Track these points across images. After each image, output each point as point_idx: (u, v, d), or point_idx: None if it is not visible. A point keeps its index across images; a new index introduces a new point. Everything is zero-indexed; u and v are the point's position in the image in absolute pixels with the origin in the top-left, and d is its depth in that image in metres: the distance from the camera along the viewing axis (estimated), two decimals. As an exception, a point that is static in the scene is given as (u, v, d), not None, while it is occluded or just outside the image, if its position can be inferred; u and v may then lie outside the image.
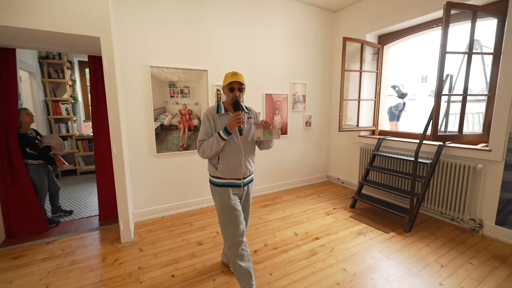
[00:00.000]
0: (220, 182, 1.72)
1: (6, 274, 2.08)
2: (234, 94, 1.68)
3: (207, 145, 1.64)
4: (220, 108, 1.73)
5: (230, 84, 1.67)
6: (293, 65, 3.90)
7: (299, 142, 4.16)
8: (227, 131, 1.60)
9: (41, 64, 4.70)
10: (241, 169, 1.71)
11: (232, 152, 1.69)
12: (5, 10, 1.89)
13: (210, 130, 1.69)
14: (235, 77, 1.65)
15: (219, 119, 1.70)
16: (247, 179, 1.80)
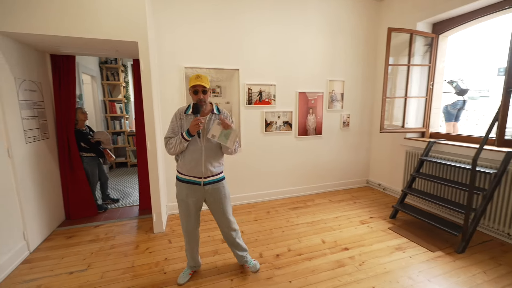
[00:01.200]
0: (180, 177, 1.81)
1: (60, 250, 2.41)
2: (198, 97, 1.70)
3: (171, 143, 1.73)
4: (189, 108, 1.78)
5: (194, 87, 1.69)
6: (330, 61, 3.66)
7: (335, 143, 3.91)
8: (189, 132, 1.67)
9: (101, 68, 5.35)
10: (199, 168, 1.75)
11: (192, 151, 1.74)
12: (64, 22, 2.17)
13: (177, 128, 1.77)
14: (198, 80, 1.68)
15: (186, 118, 1.76)
16: (209, 179, 1.81)
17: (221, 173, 1.89)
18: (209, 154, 1.77)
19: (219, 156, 1.84)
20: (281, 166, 3.64)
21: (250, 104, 3.32)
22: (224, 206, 1.88)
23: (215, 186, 1.83)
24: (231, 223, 1.94)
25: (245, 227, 2.82)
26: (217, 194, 1.84)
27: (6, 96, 2.17)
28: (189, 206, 1.81)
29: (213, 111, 1.81)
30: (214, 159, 1.80)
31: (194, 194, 1.80)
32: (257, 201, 3.57)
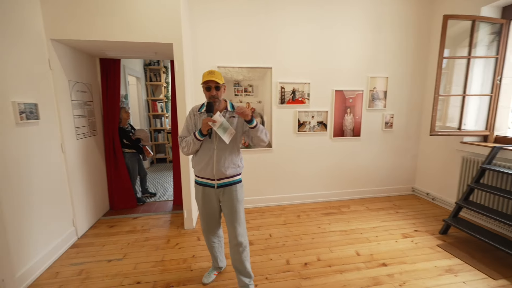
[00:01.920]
0: (196, 179, 1.76)
1: (102, 238, 2.63)
2: (210, 93, 1.61)
3: (185, 142, 1.67)
4: (203, 106, 1.73)
5: (206, 83, 1.60)
6: (372, 56, 3.35)
7: (375, 145, 3.58)
8: (200, 132, 1.59)
9: (145, 70, 5.75)
10: (211, 170, 1.66)
11: (204, 151, 1.67)
12: (108, 29, 2.34)
13: (191, 126, 1.71)
14: (211, 75, 1.58)
15: (199, 117, 1.70)
16: (223, 182, 1.70)
17: (237, 176, 1.74)
18: (222, 155, 1.65)
19: (233, 157, 1.70)
20: (314, 168, 3.46)
21: (282, 104, 3.22)
22: (233, 211, 1.71)
23: (228, 189, 1.71)
24: (238, 234, 1.72)
25: (273, 230, 2.74)
26: (228, 197, 1.70)
27: (61, 97, 2.42)
28: (204, 208, 1.78)
29: (227, 108, 1.71)
30: (227, 161, 1.67)
31: (208, 197, 1.73)
32: (288, 203, 3.45)
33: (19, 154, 1.92)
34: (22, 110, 1.94)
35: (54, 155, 2.33)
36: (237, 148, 1.74)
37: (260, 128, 1.63)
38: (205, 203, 1.76)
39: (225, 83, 1.69)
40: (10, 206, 1.82)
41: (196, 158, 1.71)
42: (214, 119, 1.55)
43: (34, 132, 2.09)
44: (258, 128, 1.61)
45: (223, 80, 1.65)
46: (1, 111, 1.78)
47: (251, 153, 3.26)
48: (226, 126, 1.58)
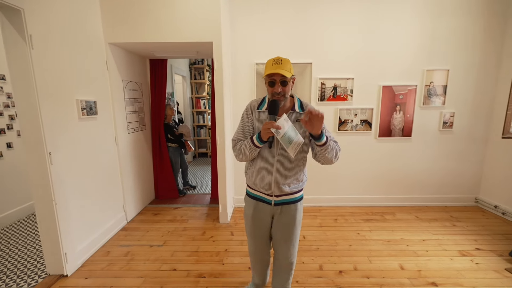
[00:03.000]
0: (249, 191, 1.48)
1: (147, 224, 2.87)
2: (274, 90, 1.26)
3: (240, 148, 1.35)
4: (264, 103, 1.37)
5: (270, 77, 1.25)
6: (429, 46, 2.95)
7: (430, 147, 3.16)
8: (260, 138, 1.25)
9: (190, 69, 6.08)
10: (269, 184, 1.35)
11: (262, 161, 1.35)
12: (156, 32, 2.51)
13: (248, 127, 1.38)
14: (277, 66, 1.22)
15: (259, 116, 1.36)
16: (282, 199, 1.39)
17: (299, 192, 1.44)
18: (284, 168, 1.34)
19: (297, 170, 1.38)
20: (356, 170, 3.22)
21: (322, 101, 3.06)
22: (291, 233, 1.44)
23: (287, 207, 1.42)
24: (291, 255, 1.48)
25: (307, 232, 2.64)
26: (286, 216, 1.42)
27: (115, 94, 2.69)
28: (254, 226, 1.47)
29: (294, 108, 1.34)
30: (290, 175, 1.35)
31: (261, 214, 1.44)
32: (324, 205, 3.29)
33: (81, 145, 2.20)
34: (84, 107, 2.21)
35: (109, 147, 2.61)
36: (303, 159, 1.40)
37: (330, 146, 1.25)
38: (256, 221, 1.46)
39: (294, 75, 1.32)
40: (74, 190, 2.10)
41: (252, 168, 1.41)
42: (279, 124, 1.18)
43: (93, 126, 2.36)
44: (328, 146, 1.24)
45: (293, 71, 1.29)
46: (67, 108, 2.05)
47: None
48: (292, 134, 1.22)
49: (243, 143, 1.34)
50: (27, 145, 1.81)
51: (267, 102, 1.34)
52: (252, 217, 1.46)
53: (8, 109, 2.93)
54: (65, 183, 2.00)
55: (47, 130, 1.82)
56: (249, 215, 1.48)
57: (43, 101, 1.79)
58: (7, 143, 2.91)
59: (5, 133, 2.90)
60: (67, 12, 2.05)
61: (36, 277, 1.99)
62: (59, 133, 1.96)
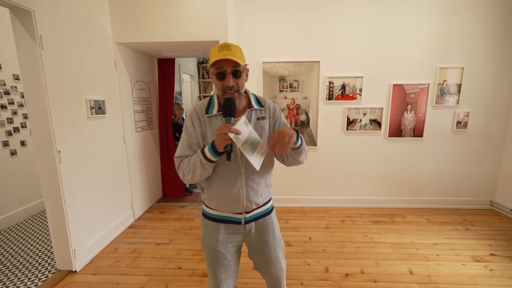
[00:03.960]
0: (210, 213, 1.12)
1: (154, 222, 2.90)
2: (226, 83, 0.97)
3: (187, 166, 1.00)
4: (212, 104, 1.06)
5: (218, 66, 0.95)
6: (442, 43, 2.84)
7: (442, 148, 3.06)
8: (215, 149, 0.94)
9: (198, 68, 6.10)
10: (238, 201, 1.06)
11: (225, 179, 1.04)
12: (163, 31, 2.52)
13: (196, 140, 1.05)
14: (226, 52, 0.93)
15: (210, 122, 1.04)
16: (253, 214, 1.12)
17: (270, 201, 1.20)
18: (255, 180, 1.07)
19: (267, 175, 1.13)
20: (364, 171, 3.15)
21: (330, 100, 3.00)
22: (274, 251, 1.17)
23: (261, 222, 1.14)
24: (282, 272, 1.22)
25: (313, 233, 2.61)
26: (265, 234, 1.15)
27: (124, 94, 2.73)
28: (220, 257, 1.11)
29: (251, 105, 1.08)
30: (261, 183, 1.10)
31: (230, 238, 1.12)
32: (332, 206, 3.24)
33: (90, 144, 2.24)
34: (92, 106, 2.25)
35: (117, 146, 2.64)
36: (270, 163, 1.15)
37: (304, 147, 1.07)
38: (221, 249, 1.10)
39: (248, 64, 1.02)
40: (82, 188, 2.14)
41: (212, 188, 1.07)
42: (237, 128, 0.90)
43: (102, 125, 2.40)
44: (303, 149, 1.06)
45: (245, 60, 1.01)
46: (76, 107, 2.09)
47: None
48: (255, 139, 0.97)
49: (190, 159, 1.00)
50: (37, 144, 1.85)
51: (216, 102, 1.06)
52: (216, 244, 1.10)
53: (22, 108, 3.02)
54: (74, 181, 2.04)
55: (56, 129, 1.86)
56: (213, 241, 1.10)
57: (53, 100, 1.83)
58: (21, 141, 3.01)
59: (19, 131, 2.99)
60: (76, 12, 2.09)
61: (47, 272, 2.05)
62: (68, 132, 2.00)
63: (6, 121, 2.85)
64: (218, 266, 1.12)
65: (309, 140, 3.10)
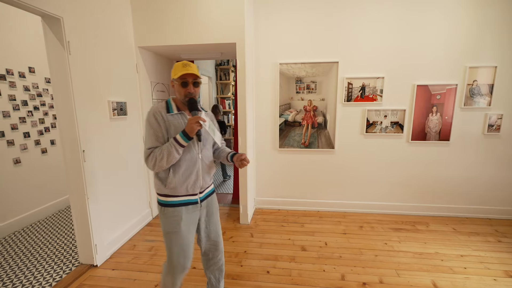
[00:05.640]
0: (171, 201, 1.35)
1: (171, 221, 2.96)
2: (188, 90, 1.31)
3: (160, 154, 1.25)
4: (171, 106, 1.36)
5: (182, 78, 1.30)
6: (473, 40, 2.66)
7: (471, 153, 2.86)
8: (186, 135, 1.24)
9: (216, 70, 6.19)
10: (197, 183, 1.38)
11: (187, 163, 1.33)
12: (182, 34, 2.58)
13: (161, 134, 1.31)
14: (188, 68, 1.28)
15: (172, 120, 1.33)
16: (205, 192, 1.45)
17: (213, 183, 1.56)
18: (207, 161, 1.42)
19: (213, 161, 1.49)
20: (385, 175, 3.02)
21: (349, 101, 2.91)
22: (218, 223, 1.53)
23: (209, 200, 1.48)
24: (222, 242, 1.57)
25: (329, 238, 2.53)
26: (212, 208, 1.49)
27: (144, 95, 2.82)
28: (188, 235, 1.37)
29: (201, 108, 1.46)
30: (210, 167, 1.45)
31: (192, 217, 1.39)
32: (349, 211, 3.14)
33: (112, 144, 2.34)
34: (115, 107, 2.35)
35: (136, 146, 2.74)
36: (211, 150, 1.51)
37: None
38: (185, 229, 1.35)
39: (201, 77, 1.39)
40: (104, 186, 2.23)
41: (178, 176, 1.33)
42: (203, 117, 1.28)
43: (123, 125, 2.50)
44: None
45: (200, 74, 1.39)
46: (100, 108, 2.19)
47: (310, 153, 3.09)
48: (212, 126, 1.39)
49: (162, 147, 1.26)
50: (64, 143, 1.96)
51: (175, 105, 1.38)
52: (185, 224, 1.34)
53: (52, 109, 3.22)
54: (97, 179, 2.13)
55: (81, 129, 1.96)
56: (180, 224, 1.33)
57: (78, 102, 1.93)
58: (51, 140, 3.21)
59: (49, 131, 3.19)
60: (101, 19, 2.19)
61: (70, 265, 2.16)
62: (92, 132, 2.09)
63: (38, 121, 3.05)
64: (184, 245, 1.36)
65: (326, 143, 3.03)
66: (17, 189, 2.80)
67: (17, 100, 2.81)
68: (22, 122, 2.86)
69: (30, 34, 2.92)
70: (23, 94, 2.87)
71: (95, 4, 2.13)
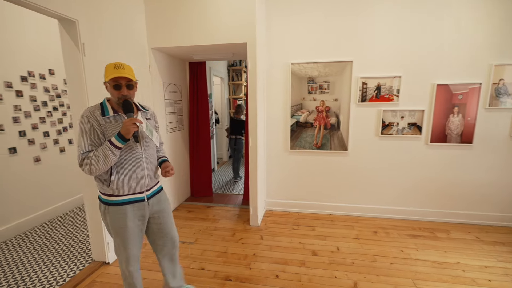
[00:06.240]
0: (114, 200, 1.36)
1: (181, 221, 2.98)
2: (121, 93, 1.30)
3: (95, 157, 1.23)
4: (106, 108, 1.33)
5: (115, 80, 1.28)
6: (498, 36, 2.49)
7: (496, 156, 2.68)
8: (122, 137, 1.24)
9: (228, 71, 6.21)
10: (143, 181, 1.40)
11: (130, 163, 1.35)
12: (193, 35, 2.59)
13: (97, 137, 1.28)
14: (120, 70, 1.26)
15: (107, 122, 1.30)
16: (152, 190, 1.48)
17: (159, 181, 1.59)
18: (150, 161, 1.45)
19: (155, 159, 1.52)
20: (401, 179, 2.89)
21: (363, 102, 2.81)
22: (170, 216, 1.59)
23: (158, 196, 1.51)
24: (177, 238, 1.64)
25: (342, 243, 2.45)
26: (162, 203, 1.53)
27: (157, 96, 2.86)
28: (130, 231, 1.39)
29: (139, 108, 1.46)
30: (155, 163, 1.49)
31: (137, 214, 1.41)
32: (363, 215, 3.03)
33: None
34: (127, 108, 2.39)
35: (149, 146, 2.77)
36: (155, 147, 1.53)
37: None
38: (131, 224, 1.38)
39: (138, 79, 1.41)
40: (116, 185, 2.27)
41: (122, 176, 1.34)
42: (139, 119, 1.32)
43: (135, 126, 2.53)
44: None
45: (135, 76, 1.36)
46: (113, 109, 2.23)
47: (323, 155, 3.01)
48: (149, 127, 1.39)
49: (97, 151, 1.25)
50: (79, 143, 2.01)
51: (110, 107, 1.35)
52: (130, 219, 1.38)
53: (70, 109, 3.34)
54: (109, 178, 2.17)
55: (95, 129, 2.00)
56: (125, 220, 1.36)
57: (92, 102, 1.97)
58: (69, 140, 3.32)
59: (67, 130, 3.31)
60: (116, 21, 2.24)
61: (84, 262, 2.21)
62: (105, 132, 2.13)
63: (57, 121, 3.17)
64: (130, 239, 1.40)
65: (339, 144, 2.94)
66: (37, 186, 2.91)
67: (38, 101, 2.93)
68: (42, 122, 2.98)
69: (51, 37, 3.05)
70: (43, 95, 2.99)
71: (110, 7, 2.17)
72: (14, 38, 2.67)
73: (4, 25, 2.57)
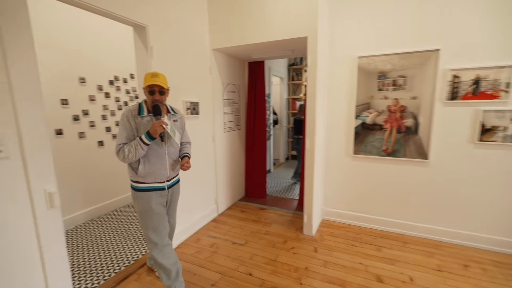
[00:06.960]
0: (141, 186, 1.64)
1: (234, 220, 2.99)
2: (154, 98, 1.56)
3: (128, 149, 1.52)
4: (142, 109, 1.61)
5: (150, 87, 1.55)
6: None
7: None
8: (150, 135, 1.51)
9: (288, 70, 6.06)
10: (165, 171, 1.67)
11: (155, 157, 1.62)
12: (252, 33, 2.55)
13: (132, 132, 1.57)
14: (155, 79, 1.52)
15: (141, 121, 1.58)
16: (172, 181, 1.77)
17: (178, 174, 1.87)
18: (173, 157, 1.72)
19: (177, 157, 1.78)
20: (505, 200, 2.21)
21: (453, 99, 2.26)
22: (176, 206, 1.90)
23: (175, 188, 1.81)
24: (175, 225, 1.97)
25: (416, 272, 2.00)
26: (176, 195, 1.85)
27: (216, 96, 2.93)
28: (161, 212, 1.68)
29: (168, 111, 1.73)
30: (176, 161, 1.76)
31: (160, 200, 1.69)
32: (446, 240, 2.44)
33: (184, 141, 2.49)
34: (188, 107, 2.50)
35: (207, 144, 2.87)
36: (178, 147, 1.79)
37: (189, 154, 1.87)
38: (156, 208, 1.66)
39: (169, 87, 1.67)
40: (175, 180, 2.40)
41: (147, 167, 1.60)
42: (166, 121, 1.57)
43: (195, 124, 2.64)
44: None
45: (168, 84, 1.61)
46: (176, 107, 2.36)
47: (394, 163, 2.56)
48: (173, 128, 1.66)
49: (130, 144, 1.53)
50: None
51: (146, 108, 1.62)
52: (156, 203, 1.65)
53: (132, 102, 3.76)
54: (169, 173, 2.30)
55: (158, 126, 2.14)
56: (152, 204, 1.63)
57: (157, 102, 2.12)
58: (143, 136, 3.74)
59: (142, 128, 3.73)
60: (181, 26, 2.37)
61: (139, 253, 2.39)
62: (168, 130, 2.27)
63: (134, 119, 3.61)
64: (158, 220, 1.66)
65: (416, 151, 2.45)
66: (118, 175, 3.36)
67: (121, 101, 3.38)
68: (123, 120, 3.43)
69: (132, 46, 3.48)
70: (125, 96, 3.44)
71: (176, 11, 2.31)
72: (104, 48, 3.13)
73: (97, 38, 3.04)
